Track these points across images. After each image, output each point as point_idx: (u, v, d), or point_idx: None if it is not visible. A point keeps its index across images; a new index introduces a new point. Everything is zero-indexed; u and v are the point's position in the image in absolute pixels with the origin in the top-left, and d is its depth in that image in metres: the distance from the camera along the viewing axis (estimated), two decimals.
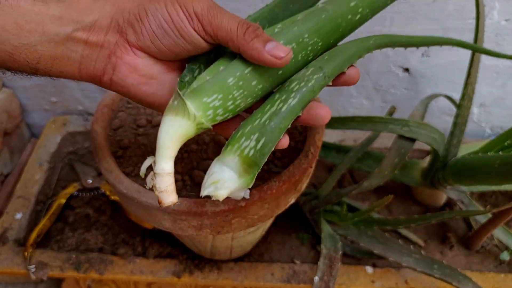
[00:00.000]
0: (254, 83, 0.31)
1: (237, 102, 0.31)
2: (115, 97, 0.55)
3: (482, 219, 0.66)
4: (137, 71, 0.32)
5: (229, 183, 0.30)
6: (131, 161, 0.50)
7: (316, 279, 0.62)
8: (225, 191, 0.30)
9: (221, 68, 0.32)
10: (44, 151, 0.81)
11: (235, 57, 0.32)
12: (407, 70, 0.77)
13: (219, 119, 0.31)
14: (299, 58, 0.32)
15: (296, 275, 0.64)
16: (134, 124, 0.54)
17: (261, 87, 0.31)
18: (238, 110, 0.31)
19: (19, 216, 0.71)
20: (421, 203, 0.75)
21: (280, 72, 0.32)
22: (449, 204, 0.74)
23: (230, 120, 0.33)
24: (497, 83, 0.77)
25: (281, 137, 0.32)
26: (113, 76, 0.32)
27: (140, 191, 0.44)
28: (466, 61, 0.60)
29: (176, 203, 0.30)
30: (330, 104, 0.84)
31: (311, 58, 0.33)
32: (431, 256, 0.65)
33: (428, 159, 0.68)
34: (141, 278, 0.64)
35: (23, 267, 0.65)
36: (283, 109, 0.31)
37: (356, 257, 0.67)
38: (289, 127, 0.31)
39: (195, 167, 0.50)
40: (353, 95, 0.82)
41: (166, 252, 0.67)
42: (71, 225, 0.71)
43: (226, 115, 0.31)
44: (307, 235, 0.70)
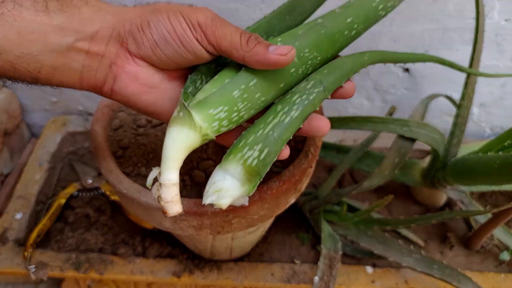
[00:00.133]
0: (257, 95, 0.32)
1: (241, 113, 0.31)
2: None
3: (482, 219, 0.66)
4: (138, 80, 0.33)
5: (232, 192, 0.30)
6: (131, 161, 0.50)
7: (316, 279, 0.62)
8: (228, 200, 0.30)
9: (226, 80, 0.32)
10: (44, 151, 0.81)
11: (238, 68, 0.33)
12: (407, 70, 0.77)
13: (223, 130, 0.31)
14: (300, 72, 0.33)
15: (296, 275, 0.64)
16: (134, 124, 0.54)
17: (263, 99, 0.32)
18: (241, 121, 0.32)
19: (19, 216, 0.71)
20: (421, 203, 0.75)
21: (282, 85, 0.33)
22: (449, 204, 0.74)
23: (231, 129, 0.33)
24: (497, 83, 0.77)
25: (283, 148, 0.33)
26: (114, 85, 0.33)
27: (140, 191, 0.44)
28: (466, 61, 0.60)
29: (180, 213, 0.30)
30: (330, 104, 0.84)
31: (310, 71, 0.35)
32: (431, 256, 0.65)
33: (428, 159, 0.68)
34: (141, 278, 0.64)
35: (23, 267, 0.65)
36: (285, 120, 0.31)
37: (356, 257, 0.67)
38: (291, 138, 0.32)
39: (195, 167, 0.50)
40: (353, 95, 0.82)
41: (166, 252, 0.67)
42: (71, 225, 0.71)
43: (230, 126, 0.32)
44: (307, 235, 0.70)
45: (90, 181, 0.75)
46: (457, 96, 0.64)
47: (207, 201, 0.30)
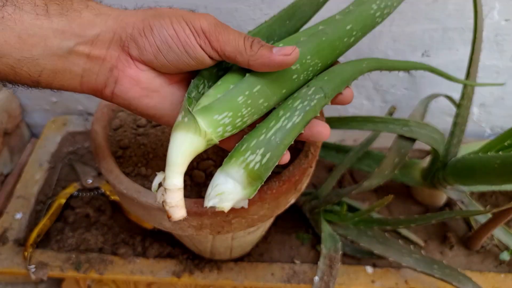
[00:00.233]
0: (261, 101, 0.32)
1: (245, 119, 0.32)
2: None
3: (482, 219, 0.66)
4: (139, 84, 0.33)
5: (234, 195, 0.31)
6: (131, 161, 0.50)
7: (316, 279, 0.62)
8: (230, 203, 0.31)
9: (230, 86, 0.33)
10: (44, 151, 0.81)
11: (240, 73, 0.33)
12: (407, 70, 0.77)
13: (227, 135, 0.32)
14: (301, 78, 0.34)
15: (296, 275, 0.64)
16: (134, 124, 0.54)
17: (266, 104, 0.33)
18: (244, 126, 0.32)
19: (19, 216, 0.71)
20: (421, 203, 0.75)
21: (284, 91, 0.33)
22: (449, 204, 0.74)
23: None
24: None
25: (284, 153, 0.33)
26: (115, 89, 0.33)
27: (140, 191, 0.44)
28: (465, 60, 0.60)
29: (185, 217, 0.30)
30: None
31: (310, 77, 0.35)
32: (431, 256, 0.65)
33: (428, 159, 0.68)
34: (141, 278, 0.64)
35: (23, 267, 0.65)
36: (287, 126, 0.32)
37: (356, 257, 0.67)
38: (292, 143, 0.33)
39: (195, 167, 0.50)
40: (354, 95, 0.82)
41: (166, 252, 0.67)
42: (71, 225, 0.71)
43: (233, 131, 0.32)
44: (307, 235, 0.70)
45: (90, 181, 0.75)
46: (457, 96, 0.64)
47: (209, 204, 0.30)
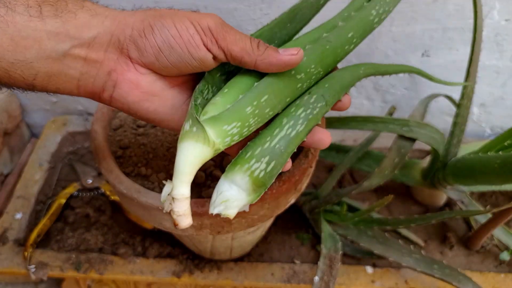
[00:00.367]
0: (267, 110, 0.32)
1: (251, 128, 0.32)
2: None
3: (482, 219, 0.66)
4: (139, 88, 0.32)
5: (239, 202, 0.31)
6: (131, 161, 0.50)
7: (316, 279, 0.62)
8: (235, 210, 0.31)
9: (238, 93, 0.33)
10: (44, 151, 0.81)
11: (246, 78, 0.33)
12: None
13: (233, 144, 0.32)
14: (304, 86, 0.35)
15: (296, 275, 0.64)
16: (134, 124, 0.54)
17: (271, 113, 0.33)
18: (249, 134, 0.33)
19: (19, 216, 0.71)
20: (421, 203, 0.75)
21: (288, 99, 0.34)
22: (449, 204, 0.74)
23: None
24: (497, 83, 0.77)
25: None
26: (113, 93, 0.32)
27: (140, 191, 0.44)
28: (465, 60, 0.60)
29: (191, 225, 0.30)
30: None
31: (312, 85, 0.36)
32: (431, 256, 0.65)
33: (428, 159, 0.68)
34: (141, 278, 0.64)
35: (23, 267, 0.65)
36: (291, 134, 0.32)
37: (356, 257, 0.67)
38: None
39: None
40: (354, 95, 0.82)
41: (166, 252, 0.67)
42: (71, 225, 0.71)
43: (239, 140, 0.32)
44: (307, 235, 0.70)
45: (90, 181, 0.75)
46: (457, 96, 0.64)
47: (214, 211, 0.30)
